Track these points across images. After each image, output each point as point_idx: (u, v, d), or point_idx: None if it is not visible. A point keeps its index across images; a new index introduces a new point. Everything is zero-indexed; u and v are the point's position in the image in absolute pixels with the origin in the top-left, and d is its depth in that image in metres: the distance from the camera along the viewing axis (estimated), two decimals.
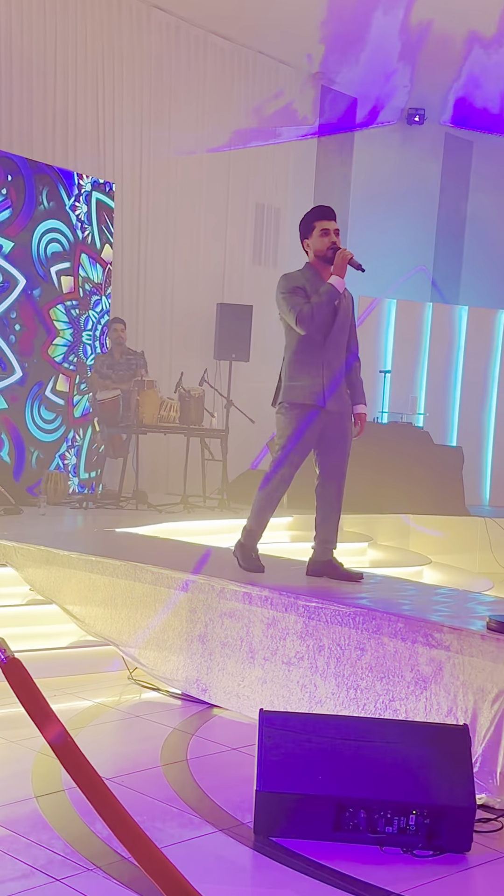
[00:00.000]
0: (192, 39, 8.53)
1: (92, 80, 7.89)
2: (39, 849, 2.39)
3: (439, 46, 8.55)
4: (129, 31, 8.07)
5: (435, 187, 10.74)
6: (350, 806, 2.52)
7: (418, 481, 7.94)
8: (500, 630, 3.01)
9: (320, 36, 8.56)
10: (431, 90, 9.73)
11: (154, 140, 8.35)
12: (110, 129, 8.05)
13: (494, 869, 2.44)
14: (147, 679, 3.92)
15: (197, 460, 7.28)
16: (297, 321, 3.76)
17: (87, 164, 7.81)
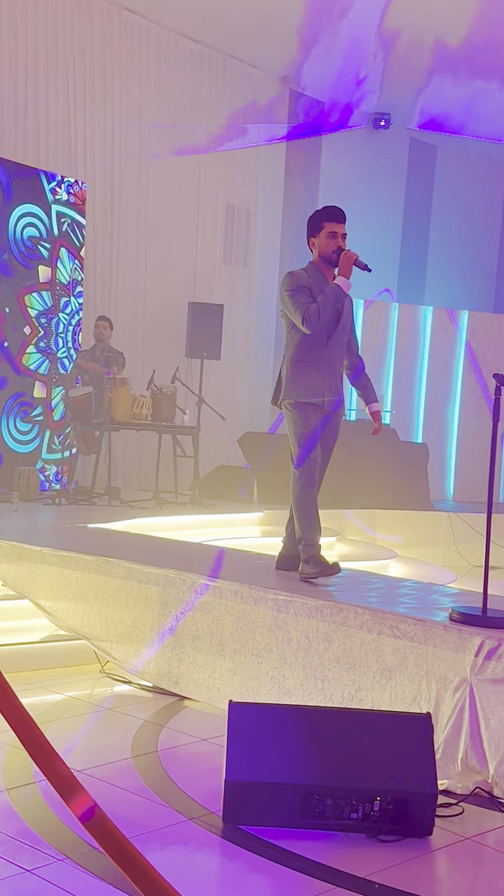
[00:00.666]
0: (163, 42, 8.49)
1: (63, 81, 7.82)
2: (10, 840, 2.38)
3: (406, 53, 8.60)
4: (100, 33, 8.01)
5: (400, 190, 10.81)
6: (316, 793, 2.54)
7: (385, 477, 8.00)
8: (463, 621, 3.05)
9: (290, 41, 8.56)
10: (397, 96, 9.78)
11: (125, 140, 8.31)
12: (82, 129, 7.99)
13: (455, 852, 2.47)
14: (118, 672, 3.90)
15: (169, 457, 7.26)
16: (304, 320, 3.67)
17: (59, 164, 7.74)
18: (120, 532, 5.27)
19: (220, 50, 8.88)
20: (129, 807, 2.64)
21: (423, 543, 7.77)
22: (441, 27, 8.07)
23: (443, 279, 11.11)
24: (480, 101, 9.68)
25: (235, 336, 9.30)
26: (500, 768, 2.78)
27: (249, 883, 2.23)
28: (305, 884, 2.24)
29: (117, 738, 3.19)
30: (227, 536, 6.10)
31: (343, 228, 3.79)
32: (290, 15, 8.02)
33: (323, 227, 3.79)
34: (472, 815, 2.69)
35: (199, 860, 2.35)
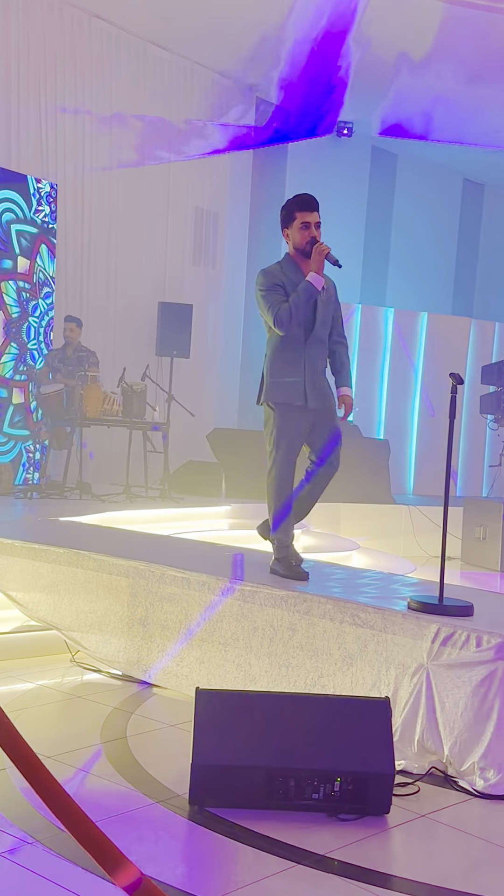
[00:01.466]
0: (132, 48, 8.44)
1: (35, 86, 7.73)
2: None
3: (368, 63, 8.64)
4: (70, 39, 7.93)
5: (363, 196, 10.88)
6: (280, 775, 2.55)
7: (348, 472, 8.01)
8: (420, 609, 3.08)
9: (256, 50, 8.55)
10: (360, 105, 9.83)
11: (96, 144, 8.24)
12: (53, 133, 7.91)
13: (411, 828, 2.50)
14: (89, 661, 3.88)
15: (139, 452, 7.23)
16: (276, 322, 3.51)
17: (31, 167, 7.65)
18: (91, 525, 5.24)
19: (188, 58, 8.85)
20: (99, 791, 2.63)
21: (385, 535, 7.85)
22: (402, 38, 8.12)
23: (403, 282, 11.21)
24: (439, 111, 9.77)
25: (204, 335, 9.29)
26: (454, 749, 2.82)
27: (214, 862, 2.24)
28: (268, 862, 2.25)
29: (87, 725, 3.18)
30: (196, 529, 6.10)
31: (316, 217, 3.61)
32: (258, 24, 8.01)
33: (295, 217, 3.61)
34: (427, 793, 2.72)
35: (165, 842, 2.36)
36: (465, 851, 2.40)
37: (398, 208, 11.14)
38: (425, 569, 6.48)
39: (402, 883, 2.20)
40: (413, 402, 10.24)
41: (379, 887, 2.15)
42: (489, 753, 2.75)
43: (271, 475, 3.65)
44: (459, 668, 2.84)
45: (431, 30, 7.85)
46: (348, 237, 10.71)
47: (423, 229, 11.36)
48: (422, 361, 10.24)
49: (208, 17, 7.95)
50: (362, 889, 2.14)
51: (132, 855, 1.73)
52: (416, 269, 11.30)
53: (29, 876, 2.10)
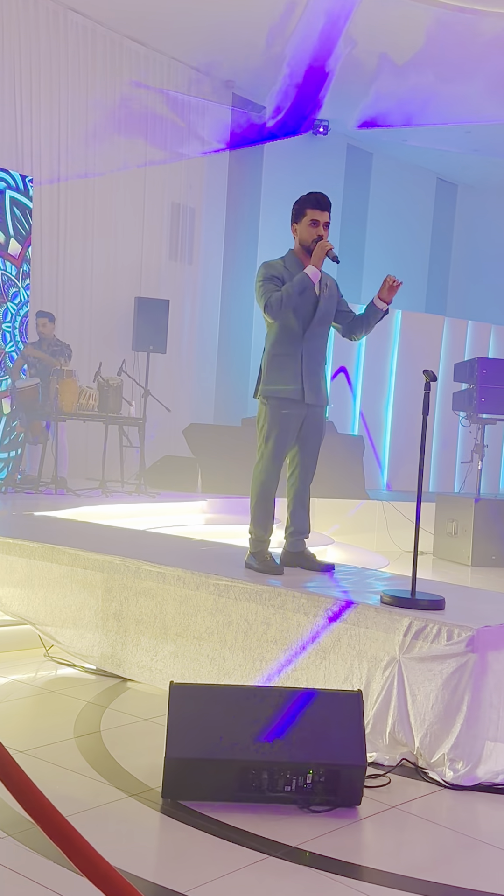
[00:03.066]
0: (108, 43, 8.36)
1: (9, 79, 7.64)
2: None
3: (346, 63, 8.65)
4: (45, 33, 7.85)
5: (339, 193, 10.89)
6: (253, 768, 2.55)
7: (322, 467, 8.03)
8: (393, 603, 3.10)
9: (234, 46, 8.52)
10: (337, 103, 9.84)
11: (71, 138, 8.17)
12: (28, 126, 7.82)
13: (382, 819, 2.52)
14: (63, 656, 3.85)
15: (115, 447, 7.19)
16: (266, 307, 3.48)
17: (5, 160, 7.57)
18: (66, 520, 5.20)
19: (165, 53, 8.79)
20: (72, 785, 2.61)
21: (359, 530, 7.88)
22: (380, 38, 8.13)
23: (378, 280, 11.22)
24: (413, 112, 9.81)
25: (180, 330, 9.26)
26: (425, 741, 2.84)
27: (187, 855, 2.24)
28: (240, 854, 2.25)
29: (61, 720, 3.15)
30: (172, 524, 6.08)
31: (326, 217, 3.61)
32: (235, 20, 7.99)
33: (305, 213, 3.59)
34: (398, 785, 2.74)
35: (138, 835, 2.34)
36: (435, 842, 2.42)
37: (373, 207, 11.18)
38: (398, 563, 6.52)
39: (373, 873, 2.21)
40: (387, 398, 10.29)
41: (350, 878, 2.16)
42: (459, 745, 2.77)
43: (257, 468, 3.63)
44: (431, 661, 2.86)
45: (409, 31, 7.87)
46: None
47: (398, 228, 11.41)
48: (395, 360, 10.29)
49: (185, 12, 7.90)
50: (333, 880, 2.15)
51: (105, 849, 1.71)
52: (390, 267, 11.33)
53: (0, 871, 2.08)
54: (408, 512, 7.93)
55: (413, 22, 7.69)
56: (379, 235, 11.25)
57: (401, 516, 7.86)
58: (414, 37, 7.96)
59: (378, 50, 8.29)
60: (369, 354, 10.17)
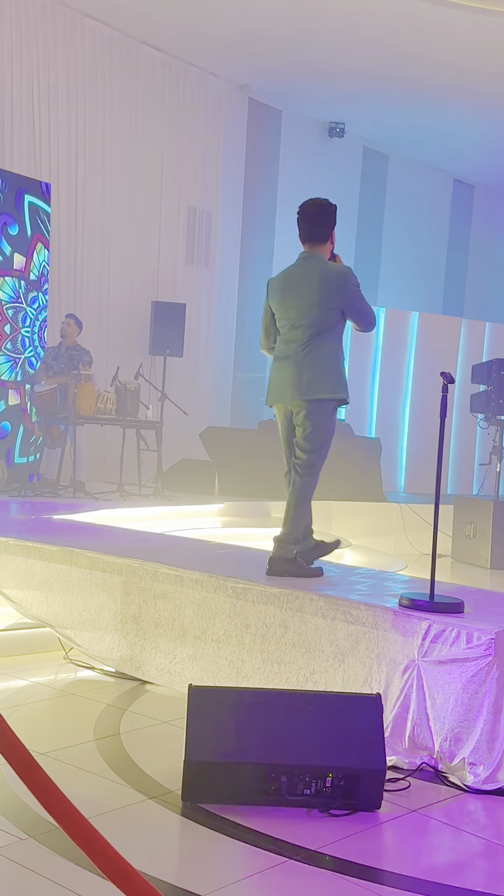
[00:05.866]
0: (125, 49, 8.42)
1: (28, 86, 7.71)
2: None
3: (362, 65, 8.64)
4: (63, 40, 7.91)
5: (355, 196, 10.88)
6: (272, 771, 2.55)
7: (340, 470, 8.04)
8: (411, 607, 3.09)
9: (249, 50, 8.55)
10: (353, 106, 9.84)
11: (89, 144, 8.22)
12: (46, 133, 7.88)
13: (402, 823, 2.51)
14: (82, 658, 3.87)
15: (133, 450, 7.21)
16: (374, 320, 3.62)
17: (24, 166, 7.63)
18: (84, 523, 5.23)
19: (181, 58, 8.83)
20: (92, 787, 2.62)
21: (376, 533, 7.86)
22: (397, 41, 8.12)
23: (395, 282, 11.22)
24: (430, 114, 9.78)
25: (197, 334, 9.28)
26: (445, 745, 2.82)
27: (207, 858, 2.24)
28: (261, 857, 2.25)
29: (80, 722, 3.17)
30: (189, 527, 6.09)
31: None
32: (250, 25, 8.01)
33: (335, 224, 3.70)
34: (418, 789, 2.73)
35: (158, 838, 2.35)
36: (456, 846, 2.40)
37: (389, 209, 11.15)
38: (416, 566, 6.49)
39: (394, 877, 2.20)
40: (405, 400, 10.26)
41: (370, 882, 2.15)
42: (479, 749, 2.75)
43: (311, 475, 3.59)
44: (450, 664, 2.85)
45: (425, 31, 7.86)
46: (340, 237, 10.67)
47: (414, 230, 11.37)
48: (413, 361, 10.25)
49: (201, 17, 7.93)
50: (354, 884, 2.14)
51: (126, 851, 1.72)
52: (407, 269, 11.31)
53: (22, 872, 2.09)
54: (425, 514, 7.88)
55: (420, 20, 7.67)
56: (395, 238, 11.22)
57: (419, 519, 7.82)
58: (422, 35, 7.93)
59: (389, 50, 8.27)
60: (386, 356, 10.14)
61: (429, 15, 7.57)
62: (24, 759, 1.34)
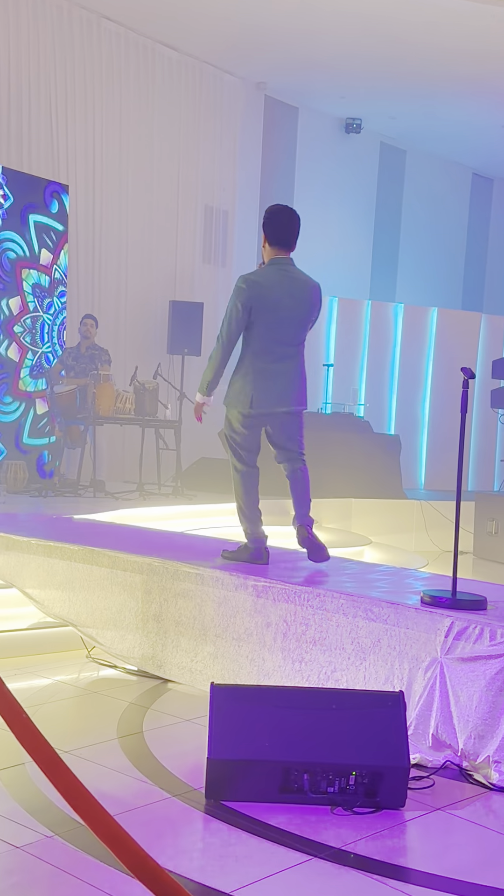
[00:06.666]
0: (141, 49, 8.44)
1: (45, 87, 7.75)
2: (0, 819, 2.37)
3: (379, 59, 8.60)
4: (80, 41, 7.95)
5: (372, 192, 10.84)
6: (295, 769, 2.55)
7: (359, 467, 8.04)
8: (433, 604, 3.07)
9: (264, 48, 8.54)
10: (369, 101, 9.79)
11: (106, 145, 8.26)
12: (64, 134, 7.93)
13: (427, 822, 2.50)
14: (104, 657, 3.90)
15: (152, 450, 7.24)
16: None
17: (42, 168, 7.68)
18: (105, 522, 5.26)
19: (197, 57, 8.84)
20: (116, 785, 2.64)
21: (396, 530, 7.83)
22: (413, 35, 8.07)
23: (413, 278, 11.16)
24: (448, 108, 9.72)
25: (215, 333, 9.27)
26: (469, 742, 2.81)
27: (231, 855, 2.24)
28: (285, 855, 2.25)
29: (104, 720, 3.19)
30: (209, 526, 6.10)
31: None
32: (265, 23, 8.00)
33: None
34: (442, 787, 2.72)
35: (182, 835, 2.36)
36: (482, 845, 2.39)
37: (407, 204, 11.09)
38: (437, 563, 6.46)
39: (419, 876, 2.19)
40: (424, 396, 10.20)
41: (395, 880, 2.15)
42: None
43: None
44: (473, 661, 2.83)
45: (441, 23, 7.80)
46: (358, 233, 10.68)
47: (433, 224, 11.31)
48: (432, 357, 10.19)
49: (216, 15, 7.93)
50: (378, 882, 2.14)
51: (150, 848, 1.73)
52: (425, 264, 11.25)
53: (48, 869, 2.11)
54: (446, 511, 7.85)
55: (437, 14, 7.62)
56: (413, 233, 11.16)
57: (439, 516, 7.78)
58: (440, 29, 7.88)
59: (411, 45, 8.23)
60: (405, 352, 10.09)
61: (445, 7, 7.51)
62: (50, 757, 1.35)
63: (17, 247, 7.11)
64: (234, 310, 3.57)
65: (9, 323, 7.03)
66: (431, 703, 2.89)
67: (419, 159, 11.09)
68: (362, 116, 10.20)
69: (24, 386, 7.16)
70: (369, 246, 10.87)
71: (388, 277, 11.05)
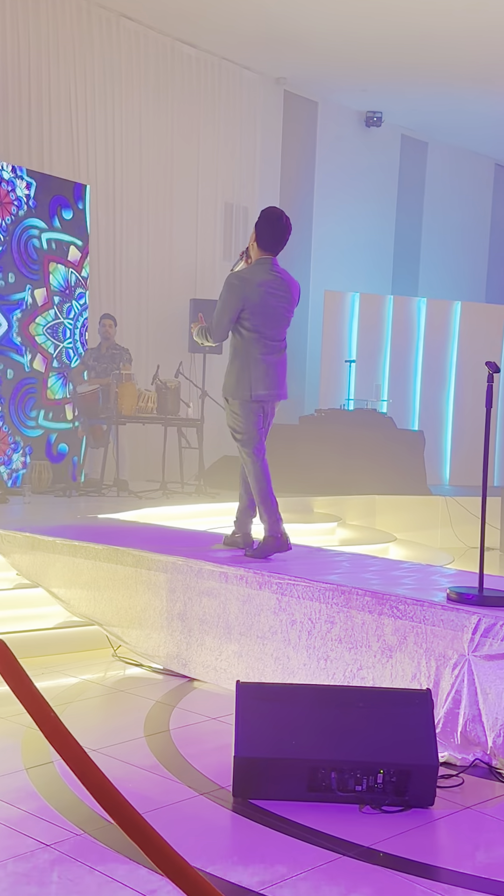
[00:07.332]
0: (160, 47, 8.46)
1: (65, 87, 7.80)
2: (30, 817, 2.40)
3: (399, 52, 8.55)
4: (98, 40, 7.98)
5: (393, 185, 10.77)
6: (322, 768, 2.55)
7: (383, 464, 8.00)
8: (460, 601, 3.06)
9: (283, 43, 8.52)
10: (389, 94, 9.73)
11: (126, 143, 8.29)
12: (83, 133, 7.97)
13: (456, 820, 2.49)
14: (130, 656, 3.92)
15: (174, 448, 7.26)
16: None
17: (62, 168, 7.73)
18: (129, 522, 5.29)
19: (216, 53, 8.84)
20: (143, 783, 2.66)
21: (421, 527, 7.79)
22: (432, 26, 8.01)
23: (435, 271, 11.08)
24: (469, 98, 9.62)
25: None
26: (498, 740, 2.79)
27: (260, 854, 2.25)
28: (314, 853, 2.26)
29: (130, 719, 3.21)
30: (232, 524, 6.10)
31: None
32: (284, 18, 7.98)
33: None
34: (471, 785, 2.70)
35: (211, 833, 2.37)
36: None
37: (429, 197, 11.02)
38: (463, 560, 6.41)
39: (449, 874, 2.18)
40: (448, 391, 10.13)
41: (425, 879, 2.14)
42: None
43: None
44: (501, 659, 2.81)
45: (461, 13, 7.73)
46: (379, 228, 10.63)
47: (455, 217, 11.22)
48: (456, 351, 10.11)
49: (234, 11, 7.93)
50: (409, 881, 2.13)
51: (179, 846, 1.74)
52: (448, 257, 11.16)
53: (78, 867, 2.13)
54: (472, 507, 7.78)
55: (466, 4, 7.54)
56: (436, 226, 11.08)
57: (465, 512, 7.73)
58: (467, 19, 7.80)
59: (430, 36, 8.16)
60: (428, 347, 10.02)
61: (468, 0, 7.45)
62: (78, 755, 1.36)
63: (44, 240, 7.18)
64: (226, 306, 3.87)
65: (32, 313, 7.08)
66: (459, 700, 2.88)
67: (441, 151, 11.00)
68: (383, 109, 10.14)
69: (52, 394, 7.23)
70: (391, 240, 10.80)
71: (410, 272, 10.98)
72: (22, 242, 6.98)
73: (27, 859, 2.16)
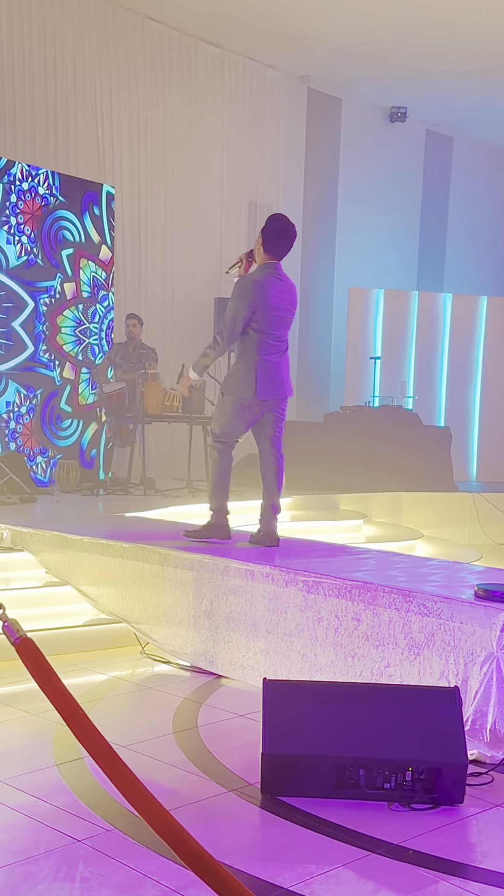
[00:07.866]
0: (184, 47, 8.48)
1: (90, 89, 7.85)
2: (61, 812, 2.42)
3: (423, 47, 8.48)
4: (124, 42, 8.02)
5: (418, 181, 10.69)
6: (350, 765, 2.54)
7: (409, 461, 7.96)
8: (488, 598, 3.03)
9: (306, 41, 8.49)
10: (414, 89, 9.66)
11: (151, 144, 8.32)
12: (109, 135, 8.01)
13: (486, 818, 2.47)
14: (158, 653, 3.94)
15: (200, 447, 7.27)
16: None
17: (88, 169, 7.78)
18: (155, 520, 5.31)
19: (239, 53, 8.84)
20: (172, 779, 2.67)
21: (448, 523, 7.73)
22: (456, 18, 7.93)
23: (461, 267, 10.98)
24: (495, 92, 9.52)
25: None
26: None
27: (289, 850, 2.25)
28: (343, 851, 2.25)
29: (159, 715, 3.23)
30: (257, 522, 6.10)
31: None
32: (307, 16, 7.95)
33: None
34: (501, 783, 2.68)
35: (239, 830, 2.38)
36: None
37: (455, 191, 10.92)
38: (491, 557, 6.36)
39: (480, 872, 2.16)
40: (475, 387, 10.04)
41: (455, 877, 2.13)
42: None
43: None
44: None
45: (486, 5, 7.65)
46: (404, 223, 10.55)
47: (481, 211, 11.11)
48: (482, 347, 10.02)
49: (257, 10, 7.92)
50: (438, 878, 2.12)
51: (207, 842, 1.74)
52: (473, 252, 11.06)
53: (108, 862, 2.15)
54: (500, 503, 7.71)
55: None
56: (461, 221, 10.98)
57: (493, 508, 7.66)
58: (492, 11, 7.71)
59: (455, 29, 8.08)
60: (454, 343, 9.94)
61: None
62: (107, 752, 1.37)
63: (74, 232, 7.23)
64: (241, 308, 3.96)
65: (60, 305, 7.14)
66: (488, 698, 2.85)
67: (466, 145, 10.89)
68: (407, 104, 10.06)
69: (83, 400, 7.30)
70: (416, 236, 10.72)
71: (435, 267, 10.89)
72: (52, 232, 7.03)
73: (59, 854, 2.18)
